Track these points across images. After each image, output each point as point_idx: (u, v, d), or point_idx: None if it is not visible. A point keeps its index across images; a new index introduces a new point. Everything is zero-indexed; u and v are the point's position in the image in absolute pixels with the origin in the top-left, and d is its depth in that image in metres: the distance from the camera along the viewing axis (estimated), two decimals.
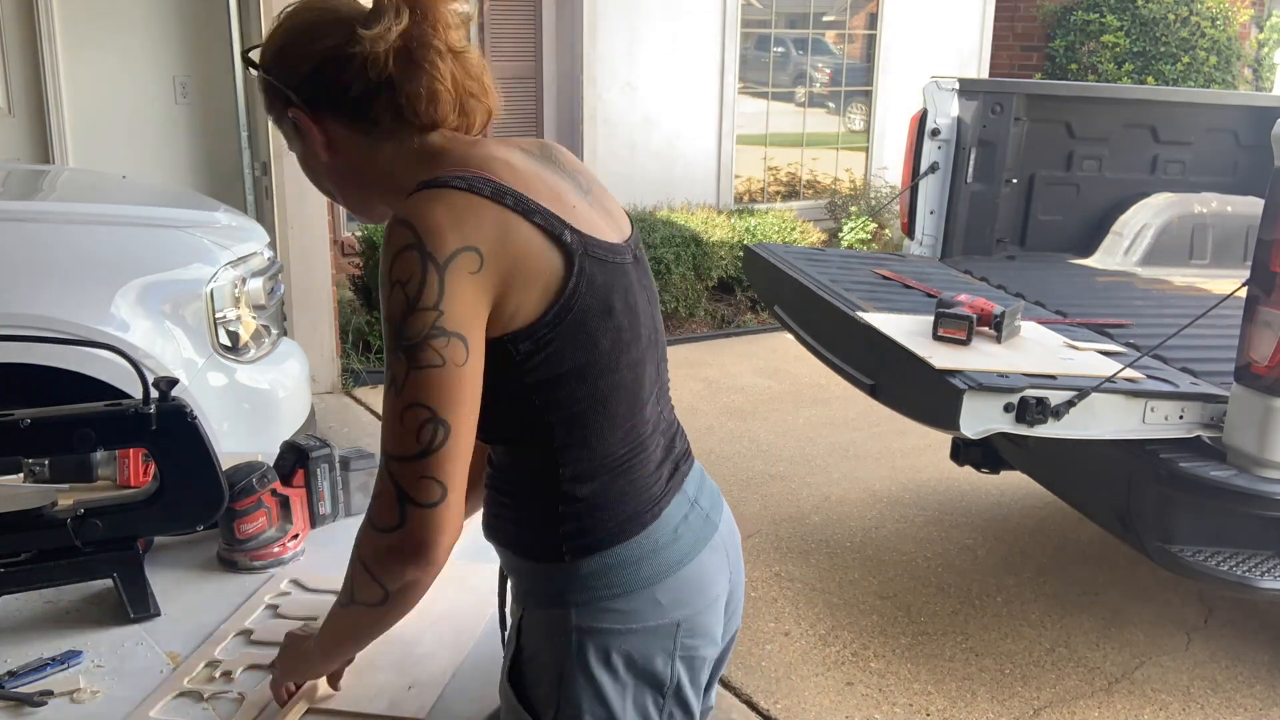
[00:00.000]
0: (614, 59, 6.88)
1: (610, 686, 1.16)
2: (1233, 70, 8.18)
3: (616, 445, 1.17)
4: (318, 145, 1.19)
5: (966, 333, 2.64)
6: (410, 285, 1.05)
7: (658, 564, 1.18)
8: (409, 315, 1.05)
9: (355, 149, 1.19)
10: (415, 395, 1.06)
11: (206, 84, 5.15)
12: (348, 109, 1.16)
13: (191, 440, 1.44)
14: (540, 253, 1.10)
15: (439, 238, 1.05)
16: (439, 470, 1.06)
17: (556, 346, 1.11)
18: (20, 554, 1.42)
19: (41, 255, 2.68)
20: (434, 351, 1.05)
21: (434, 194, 1.08)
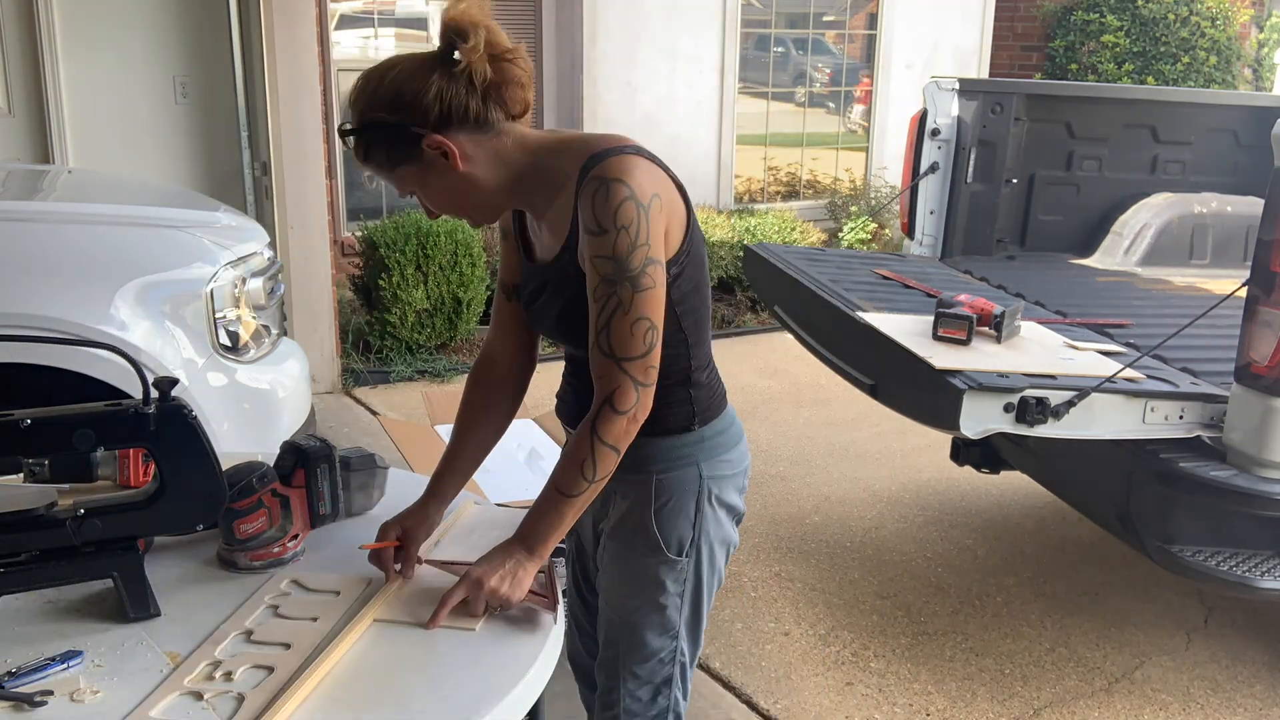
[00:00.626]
0: (614, 59, 6.88)
1: (718, 516, 1.65)
2: (1233, 70, 8.18)
3: (709, 344, 1.64)
4: (456, 160, 1.45)
5: (966, 333, 2.64)
6: (632, 228, 1.41)
7: (737, 428, 1.69)
8: (633, 251, 1.41)
9: (483, 153, 1.47)
10: (641, 310, 1.43)
11: (206, 84, 5.15)
12: (471, 120, 1.44)
13: (191, 440, 1.44)
14: (677, 199, 1.50)
15: (643, 190, 1.42)
16: (654, 360, 1.47)
17: (688, 269, 1.54)
18: (20, 554, 1.42)
19: (41, 255, 2.68)
20: (649, 277, 1.43)
21: (628, 159, 1.44)
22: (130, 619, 1.43)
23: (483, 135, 1.46)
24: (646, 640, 1.67)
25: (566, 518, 1.49)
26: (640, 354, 1.45)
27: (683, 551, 1.63)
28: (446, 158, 1.44)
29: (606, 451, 1.47)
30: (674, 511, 1.62)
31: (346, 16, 6.42)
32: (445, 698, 1.30)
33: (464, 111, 1.43)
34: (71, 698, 1.27)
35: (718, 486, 1.64)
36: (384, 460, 1.83)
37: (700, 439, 1.62)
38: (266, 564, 1.60)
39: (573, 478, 1.48)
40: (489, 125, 1.46)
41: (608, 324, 1.44)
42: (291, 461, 1.70)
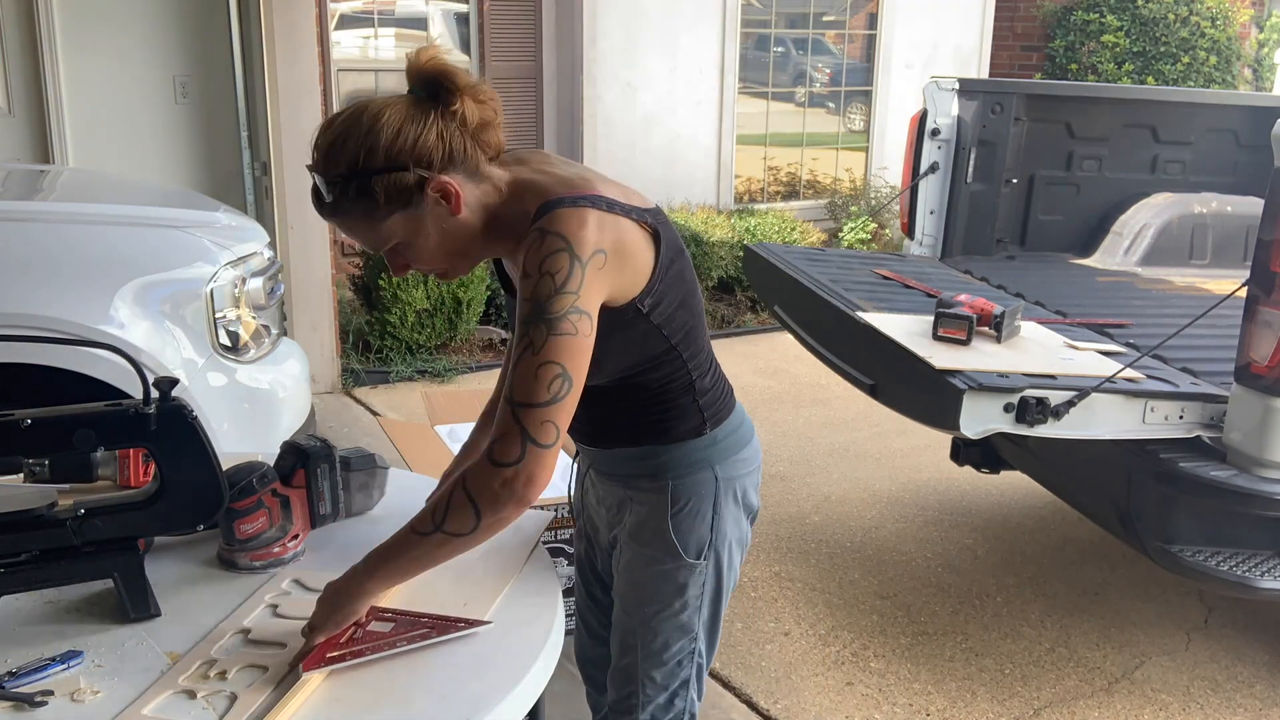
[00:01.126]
0: (614, 59, 6.88)
1: (736, 516, 1.65)
2: (1233, 70, 8.18)
3: (707, 345, 1.61)
4: (458, 204, 1.40)
5: (966, 333, 2.64)
6: (559, 276, 1.34)
7: (748, 425, 1.69)
8: (555, 295, 1.33)
9: (473, 198, 1.43)
10: (552, 354, 1.32)
11: (206, 84, 5.15)
12: (466, 163, 1.41)
13: (191, 440, 1.44)
14: (638, 238, 1.44)
15: (581, 244, 1.36)
16: (558, 417, 1.33)
17: (665, 293, 1.48)
18: (20, 554, 1.42)
19: (41, 255, 2.68)
20: (569, 322, 1.34)
21: (571, 211, 1.38)
22: (130, 619, 1.43)
23: (473, 180, 1.42)
24: (667, 644, 1.66)
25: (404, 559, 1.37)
26: (541, 402, 1.31)
27: (701, 555, 1.62)
28: (447, 201, 1.39)
29: (463, 502, 1.32)
30: (691, 516, 1.60)
31: (346, 16, 6.42)
32: (445, 698, 1.30)
33: (462, 154, 1.40)
34: (71, 698, 1.27)
35: (734, 486, 1.63)
36: (384, 460, 1.83)
37: (713, 441, 1.61)
38: (266, 564, 1.60)
39: (424, 517, 1.36)
40: (477, 170, 1.42)
41: (514, 366, 1.33)
42: (291, 461, 1.70)
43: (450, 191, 1.39)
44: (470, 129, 1.39)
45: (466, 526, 1.33)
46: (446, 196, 1.39)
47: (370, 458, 1.80)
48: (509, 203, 1.44)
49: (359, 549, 1.67)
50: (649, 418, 1.58)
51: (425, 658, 1.38)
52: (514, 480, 1.31)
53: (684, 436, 1.59)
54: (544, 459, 1.32)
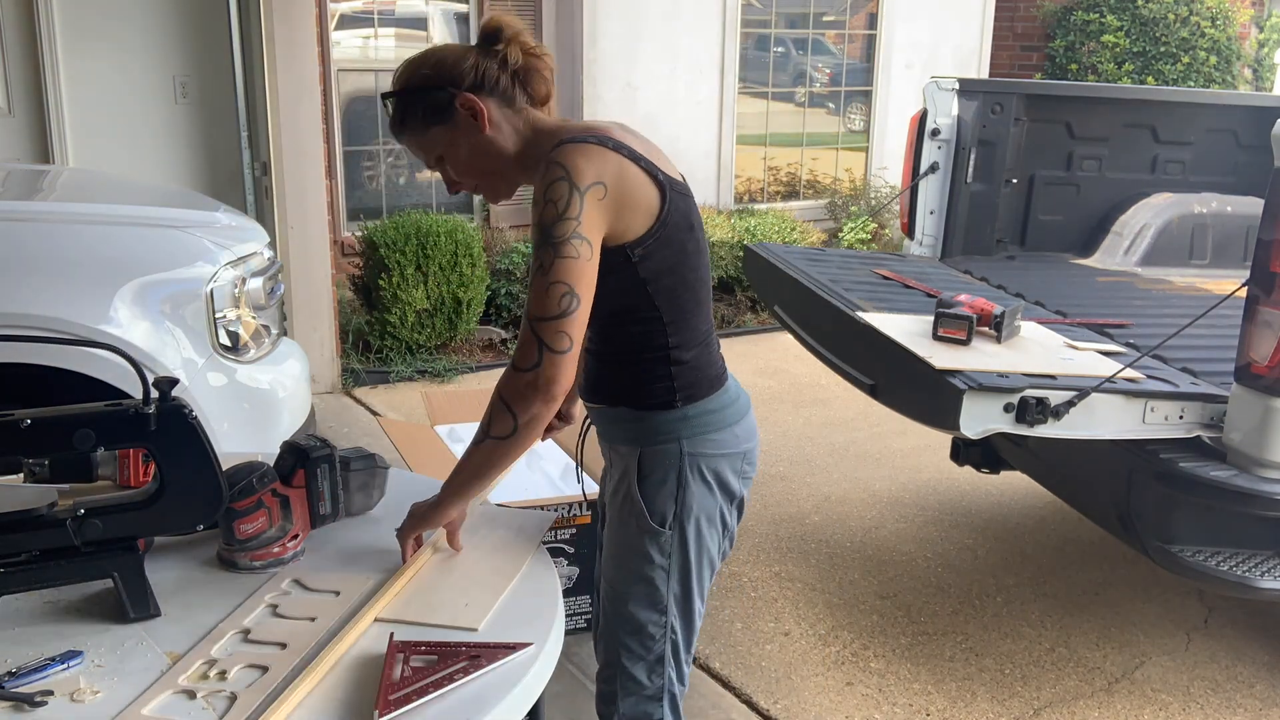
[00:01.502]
0: (614, 59, 6.88)
1: (705, 492, 1.70)
2: (1233, 70, 8.18)
3: (700, 324, 1.69)
4: (483, 120, 1.61)
5: (966, 333, 2.64)
6: (560, 203, 1.51)
7: (734, 411, 1.74)
8: (558, 221, 1.50)
9: (503, 124, 1.64)
10: (559, 275, 1.50)
11: (206, 84, 5.15)
12: (500, 92, 1.63)
13: (191, 440, 1.44)
14: (642, 184, 1.58)
15: (580, 173, 1.52)
16: (569, 327, 1.50)
17: (658, 251, 1.60)
18: (20, 554, 1.42)
19: (41, 255, 2.68)
20: (572, 246, 1.50)
21: (575, 145, 1.55)
22: (130, 619, 1.43)
23: (508, 108, 1.63)
24: (635, 612, 1.73)
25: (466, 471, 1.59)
26: (552, 315, 1.50)
27: (665, 524, 1.69)
28: (476, 119, 1.60)
29: (500, 411, 1.54)
30: (657, 483, 1.69)
31: (346, 16, 6.42)
32: (445, 697, 1.30)
33: (495, 83, 1.61)
34: (71, 698, 1.27)
35: (701, 463, 1.69)
36: (384, 460, 1.83)
37: (683, 416, 1.68)
38: (266, 564, 1.60)
39: (480, 431, 1.57)
40: (514, 102, 1.63)
41: (529, 285, 1.52)
42: (291, 461, 1.70)
43: (477, 109, 1.60)
44: (512, 68, 1.62)
45: (507, 428, 1.54)
46: (475, 114, 1.60)
47: (370, 458, 1.80)
48: (537, 140, 1.63)
49: (359, 549, 1.68)
50: (627, 378, 1.69)
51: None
52: (536, 380, 1.50)
53: (655, 406, 1.68)
54: (560, 362, 1.50)
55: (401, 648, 1.37)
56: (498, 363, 5.64)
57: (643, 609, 1.73)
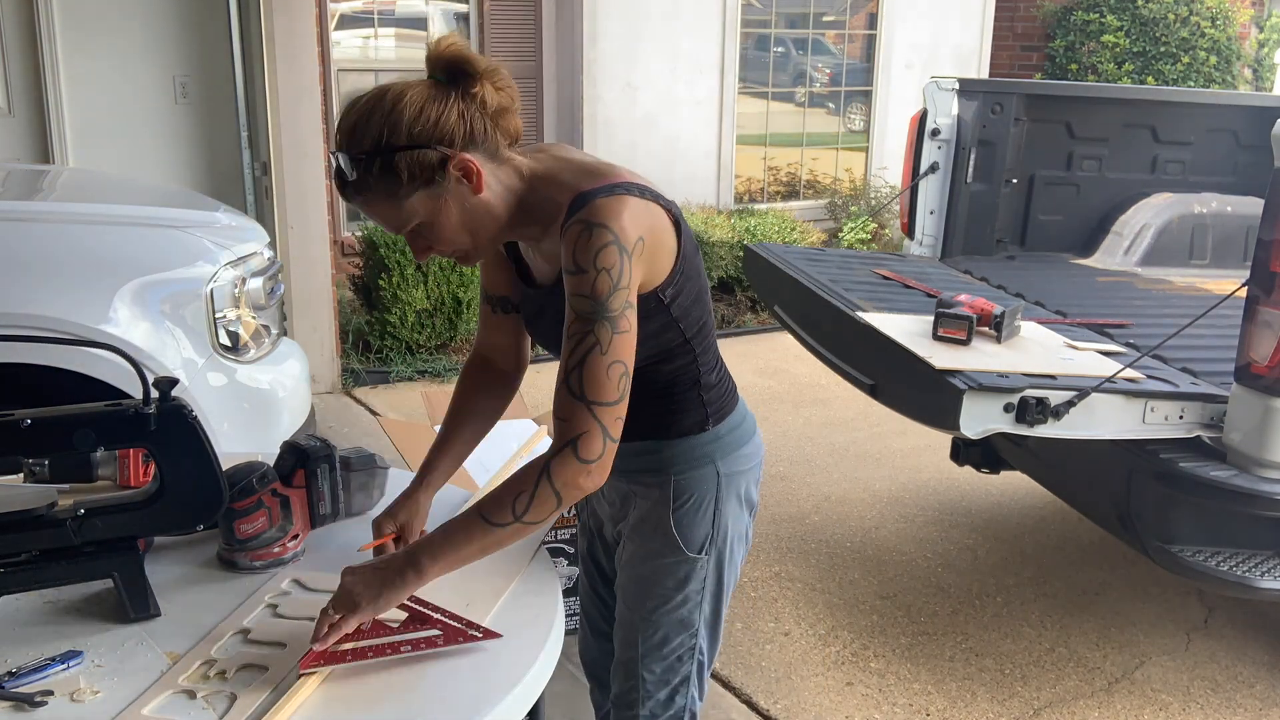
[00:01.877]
0: (614, 59, 6.88)
1: (737, 512, 1.66)
2: (1233, 70, 8.18)
3: (715, 342, 1.64)
4: (479, 182, 1.42)
5: (966, 333, 2.64)
6: (614, 271, 1.37)
7: (750, 421, 1.70)
8: (614, 293, 1.37)
9: (495, 180, 1.45)
10: (617, 354, 1.38)
11: (206, 84, 5.15)
12: (487, 145, 1.43)
13: (191, 440, 1.44)
14: (666, 225, 1.48)
15: (627, 235, 1.39)
16: (624, 411, 1.40)
17: (684, 285, 1.52)
18: (20, 554, 1.42)
19: (41, 255, 2.68)
20: (627, 320, 1.39)
21: (613, 201, 1.40)
22: (130, 619, 1.43)
23: (494, 161, 1.44)
24: (667, 639, 1.67)
25: (473, 546, 1.39)
26: (613, 400, 1.38)
27: (703, 549, 1.63)
28: (469, 180, 1.41)
29: (549, 495, 1.37)
30: (693, 511, 1.62)
31: (346, 16, 6.42)
32: (445, 698, 1.30)
33: (483, 135, 1.42)
34: (71, 698, 1.27)
35: (736, 483, 1.65)
36: (384, 460, 1.83)
37: (716, 437, 1.63)
38: (266, 564, 1.60)
39: (502, 508, 1.37)
40: (497, 152, 1.45)
41: (580, 363, 1.37)
42: (291, 461, 1.70)
43: (472, 169, 1.40)
44: (489, 112, 1.42)
45: (545, 514, 1.40)
46: (468, 175, 1.40)
47: (370, 458, 1.80)
48: (534, 189, 1.47)
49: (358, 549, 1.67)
50: (654, 410, 1.59)
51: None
52: (596, 473, 1.39)
53: (687, 432, 1.61)
54: (614, 451, 1.40)
55: None
56: None
57: (674, 636, 1.67)
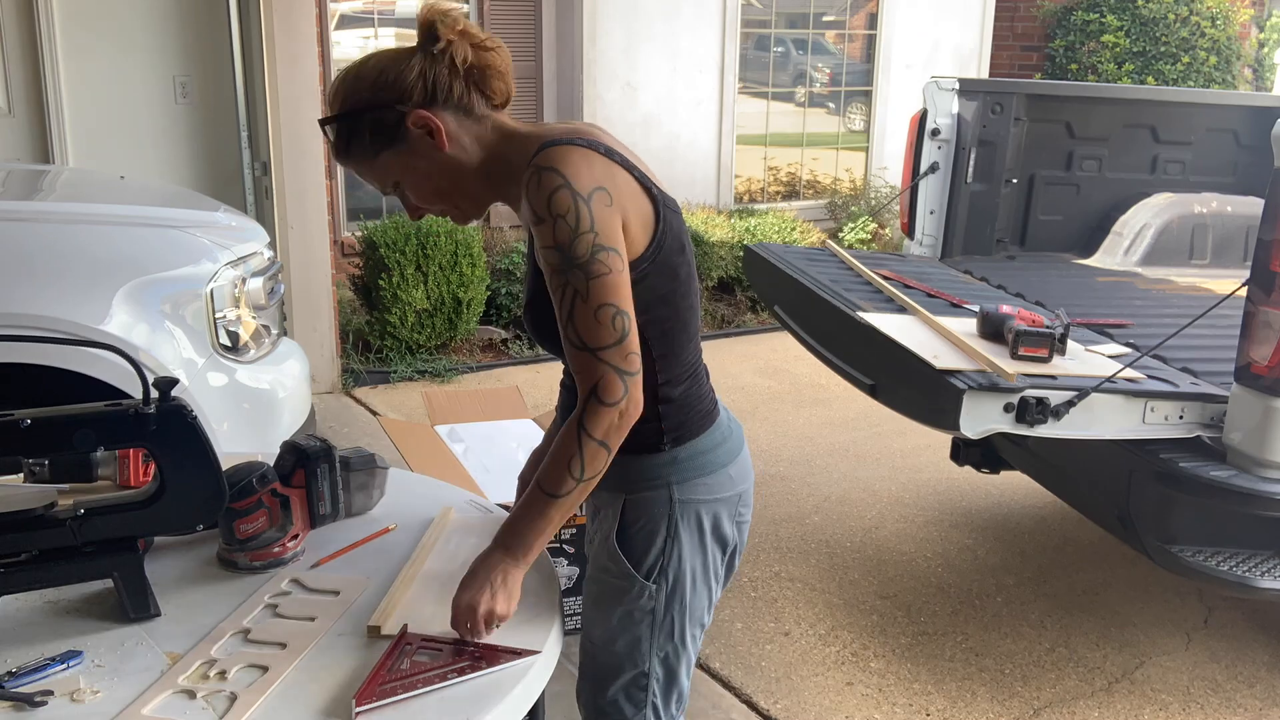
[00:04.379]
0: (614, 59, 6.88)
1: (697, 544, 1.54)
2: (1233, 70, 8.18)
3: (690, 356, 1.54)
4: (441, 138, 1.42)
5: (1049, 350, 2.54)
6: (569, 215, 1.35)
7: (726, 450, 1.57)
8: (575, 238, 1.35)
9: (464, 138, 1.44)
10: (600, 297, 1.36)
11: (206, 84, 5.15)
12: (455, 101, 1.43)
13: (191, 440, 1.44)
14: (640, 198, 1.43)
15: (579, 179, 1.36)
16: (632, 346, 1.39)
17: (652, 277, 1.44)
18: (20, 554, 1.42)
19: (41, 255, 2.68)
20: (601, 263, 1.36)
21: (565, 149, 1.38)
22: (130, 619, 1.43)
23: (466, 118, 1.44)
24: (616, 670, 1.59)
25: (552, 519, 1.42)
26: (613, 341, 1.37)
27: (650, 576, 1.54)
28: (432, 136, 1.42)
29: (595, 448, 1.39)
30: (642, 534, 1.53)
31: (346, 16, 6.42)
32: (445, 698, 1.30)
33: (447, 91, 1.42)
34: (71, 698, 1.27)
35: (695, 510, 1.54)
36: (384, 460, 1.83)
37: (672, 460, 1.53)
38: (266, 564, 1.60)
39: (559, 476, 1.40)
40: (471, 110, 1.45)
41: (570, 315, 1.38)
42: (291, 461, 1.70)
43: (432, 126, 1.41)
44: (463, 70, 1.42)
45: (601, 466, 1.41)
46: (430, 132, 1.42)
47: (370, 458, 1.80)
48: (515, 145, 1.46)
49: (359, 549, 1.67)
50: None
51: None
52: (626, 410, 1.39)
53: (640, 450, 1.51)
54: (638, 385, 1.40)
55: (412, 640, 1.37)
56: (498, 363, 5.64)
57: (623, 669, 1.58)
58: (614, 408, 1.38)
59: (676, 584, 1.55)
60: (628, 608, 1.56)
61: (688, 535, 1.54)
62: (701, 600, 1.59)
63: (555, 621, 1.49)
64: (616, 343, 1.37)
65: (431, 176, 1.46)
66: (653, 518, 1.53)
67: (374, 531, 1.72)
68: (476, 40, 1.43)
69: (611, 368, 1.37)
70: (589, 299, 1.36)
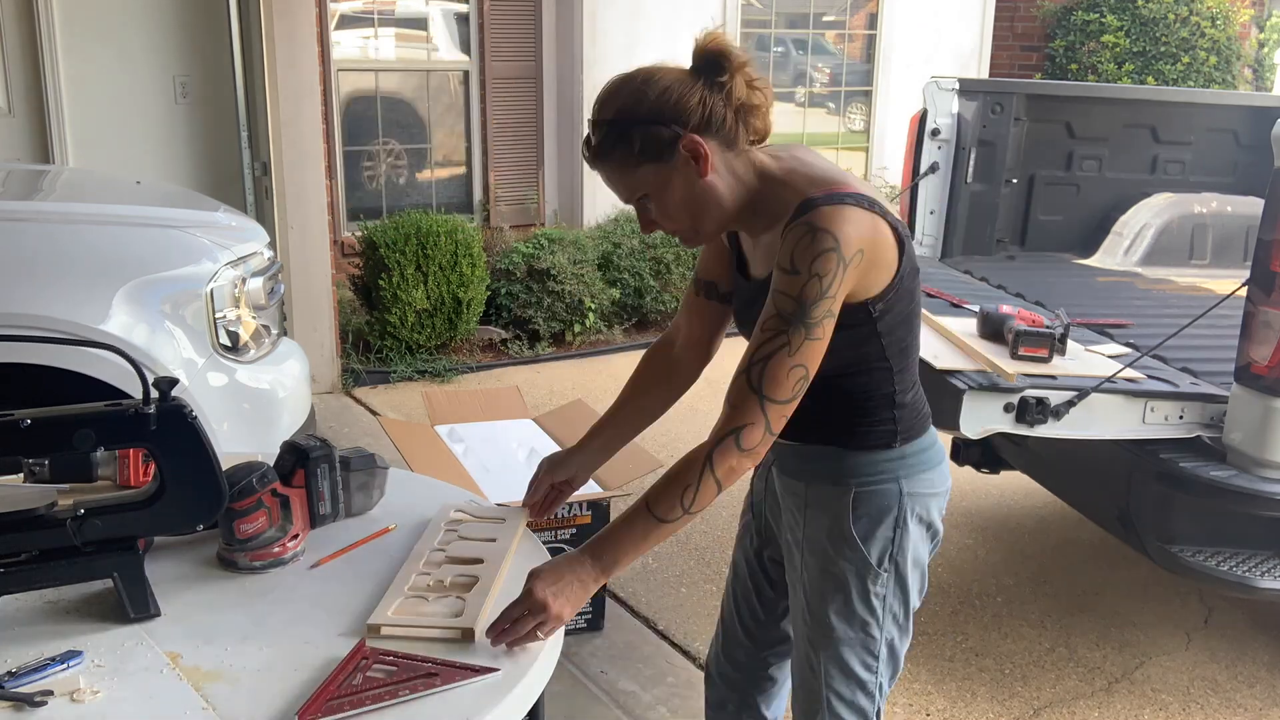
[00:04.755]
0: (614, 59, 6.88)
1: (919, 534, 1.65)
2: (1233, 70, 8.18)
3: (915, 367, 1.64)
4: (706, 165, 1.48)
5: (1049, 350, 2.56)
6: (826, 279, 1.42)
7: (939, 448, 1.69)
8: (819, 300, 1.42)
9: (725, 167, 1.51)
10: (802, 358, 1.43)
11: (206, 84, 5.15)
12: (725, 132, 1.49)
13: (191, 440, 1.44)
14: (890, 243, 1.49)
15: (849, 243, 1.43)
16: (791, 410, 1.45)
17: (897, 304, 1.53)
18: (20, 554, 1.42)
19: (41, 255, 2.68)
20: (824, 328, 1.44)
21: (841, 210, 1.44)
22: (130, 619, 1.43)
23: (729, 150, 1.50)
24: (848, 658, 1.65)
25: (649, 542, 1.46)
26: (785, 399, 1.43)
27: (882, 564, 1.62)
28: (697, 161, 1.48)
29: (711, 484, 1.44)
30: (874, 522, 1.61)
31: (346, 16, 6.42)
32: (445, 698, 1.30)
33: (720, 123, 1.48)
34: (71, 698, 1.27)
35: (918, 504, 1.64)
36: (384, 460, 1.83)
37: (901, 455, 1.62)
38: (266, 564, 1.60)
39: (671, 503, 1.44)
40: (735, 143, 1.50)
41: (766, 359, 1.43)
42: (291, 461, 1.70)
43: (701, 152, 1.47)
44: (734, 104, 1.48)
45: (707, 503, 1.46)
46: (696, 156, 1.47)
47: (370, 458, 1.80)
48: (769, 185, 1.52)
49: (359, 549, 1.67)
50: (844, 419, 1.61)
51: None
52: (751, 460, 1.45)
53: (873, 446, 1.61)
54: (770, 443, 1.46)
55: (369, 654, 1.36)
56: (497, 363, 5.64)
57: (856, 653, 1.65)
58: (746, 453, 1.44)
59: (903, 570, 1.64)
60: (860, 590, 1.63)
61: (913, 526, 1.63)
62: (919, 585, 1.69)
63: None
64: (786, 400, 1.44)
65: (683, 198, 1.51)
66: (883, 506, 1.61)
67: (374, 531, 1.72)
68: (751, 79, 1.49)
69: (766, 419, 1.43)
70: (794, 354, 1.42)
